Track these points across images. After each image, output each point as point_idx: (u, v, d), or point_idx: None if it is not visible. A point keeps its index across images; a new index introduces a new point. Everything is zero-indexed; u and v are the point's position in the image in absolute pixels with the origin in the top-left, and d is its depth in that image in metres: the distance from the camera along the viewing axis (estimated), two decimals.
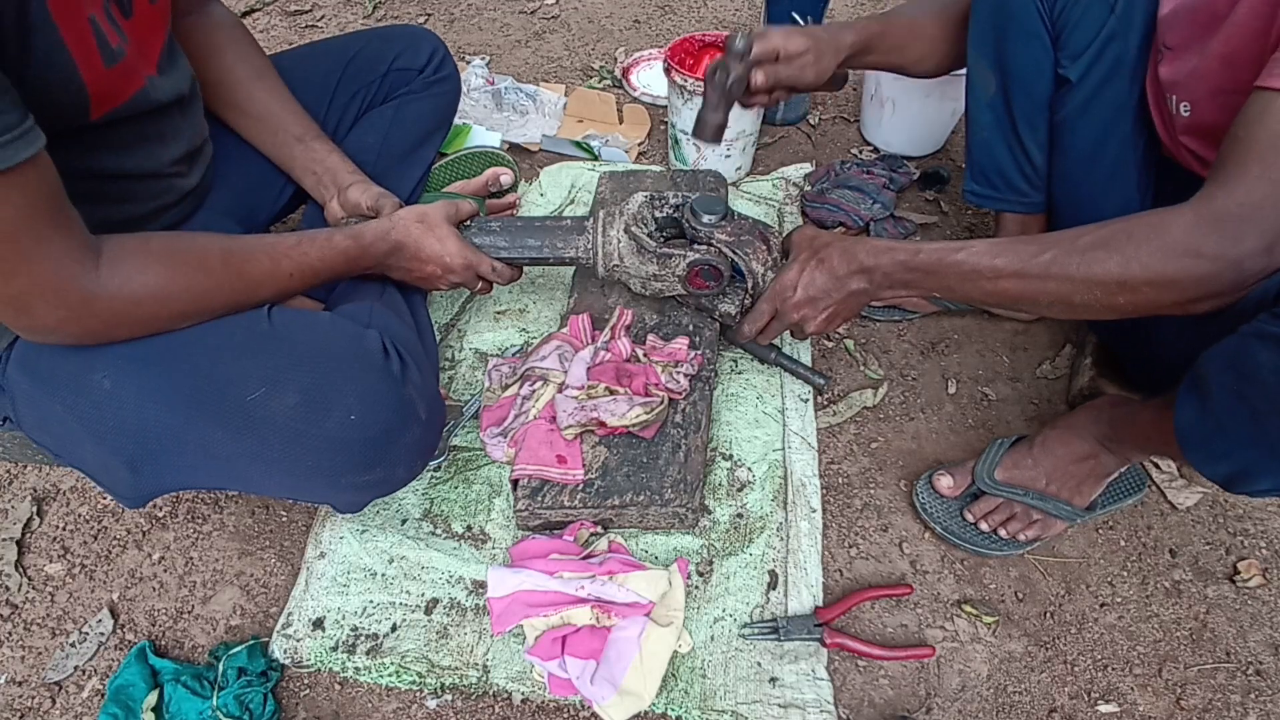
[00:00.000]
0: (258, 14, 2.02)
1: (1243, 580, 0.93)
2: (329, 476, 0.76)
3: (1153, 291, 0.69)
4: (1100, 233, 0.71)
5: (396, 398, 0.77)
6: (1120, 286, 0.70)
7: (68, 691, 0.84)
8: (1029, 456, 0.94)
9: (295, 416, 0.72)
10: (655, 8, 2.05)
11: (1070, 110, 0.97)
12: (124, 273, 0.67)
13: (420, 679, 0.83)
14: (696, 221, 1.00)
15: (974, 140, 1.10)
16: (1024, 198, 1.08)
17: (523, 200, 1.40)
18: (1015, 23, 0.97)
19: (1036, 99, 1.00)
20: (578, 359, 1.00)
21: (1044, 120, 1.01)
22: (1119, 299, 0.71)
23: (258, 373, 0.73)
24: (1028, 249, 0.75)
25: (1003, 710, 0.83)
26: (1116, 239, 0.70)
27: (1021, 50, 0.98)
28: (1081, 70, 0.95)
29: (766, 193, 1.44)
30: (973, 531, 0.94)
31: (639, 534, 0.94)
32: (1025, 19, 0.96)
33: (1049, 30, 0.96)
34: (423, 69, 1.16)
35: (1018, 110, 1.02)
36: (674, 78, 1.36)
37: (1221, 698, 0.84)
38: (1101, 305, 0.72)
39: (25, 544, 0.96)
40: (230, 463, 0.74)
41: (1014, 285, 0.76)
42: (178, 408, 0.72)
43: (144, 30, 0.76)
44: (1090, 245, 0.71)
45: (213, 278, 0.74)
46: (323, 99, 1.09)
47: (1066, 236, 0.74)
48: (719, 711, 0.80)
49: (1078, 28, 0.93)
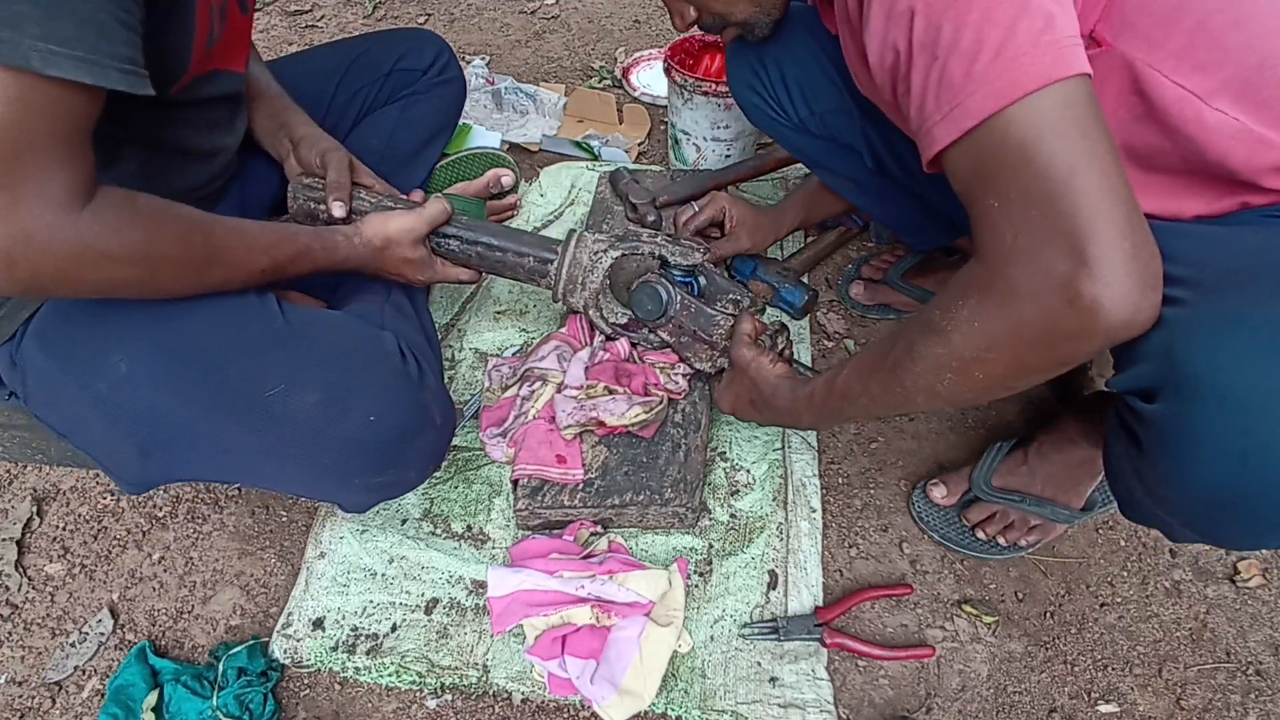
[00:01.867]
0: (258, 14, 2.02)
1: (1243, 580, 0.93)
2: (342, 476, 0.76)
3: (1000, 355, 0.58)
4: (922, 314, 0.64)
5: (414, 401, 0.78)
6: (963, 364, 0.60)
7: (68, 691, 0.84)
8: (1025, 463, 0.93)
9: (314, 415, 0.72)
10: (655, 8, 2.04)
11: (899, 181, 1.04)
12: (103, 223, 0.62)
13: (420, 679, 0.83)
14: (638, 323, 0.99)
15: (878, 214, 1.15)
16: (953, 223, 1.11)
17: (523, 200, 1.40)
18: (810, 150, 1.09)
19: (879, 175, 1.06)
20: (576, 359, 1.00)
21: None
22: (976, 374, 0.60)
23: (278, 369, 0.73)
24: (879, 349, 0.70)
25: (1003, 710, 0.83)
26: (931, 317, 0.62)
27: (834, 160, 1.09)
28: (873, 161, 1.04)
29: (766, 193, 1.44)
30: (971, 538, 0.94)
31: (639, 534, 0.94)
32: (811, 145, 1.09)
33: (833, 140, 1.06)
34: (427, 70, 1.16)
35: (879, 185, 1.07)
36: (674, 78, 1.36)
37: (1221, 698, 0.84)
38: (969, 387, 0.62)
39: (25, 544, 0.96)
40: (243, 457, 0.74)
41: (880, 389, 0.69)
42: (193, 400, 0.72)
43: (236, 32, 0.82)
44: (917, 329, 0.64)
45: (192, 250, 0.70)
46: (322, 97, 1.08)
47: (906, 325, 0.67)
48: (719, 711, 0.80)
49: (841, 134, 1.05)
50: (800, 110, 1.04)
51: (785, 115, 1.06)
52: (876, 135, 1.00)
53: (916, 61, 0.59)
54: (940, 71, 0.57)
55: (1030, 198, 0.53)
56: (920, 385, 0.65)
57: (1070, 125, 0.53)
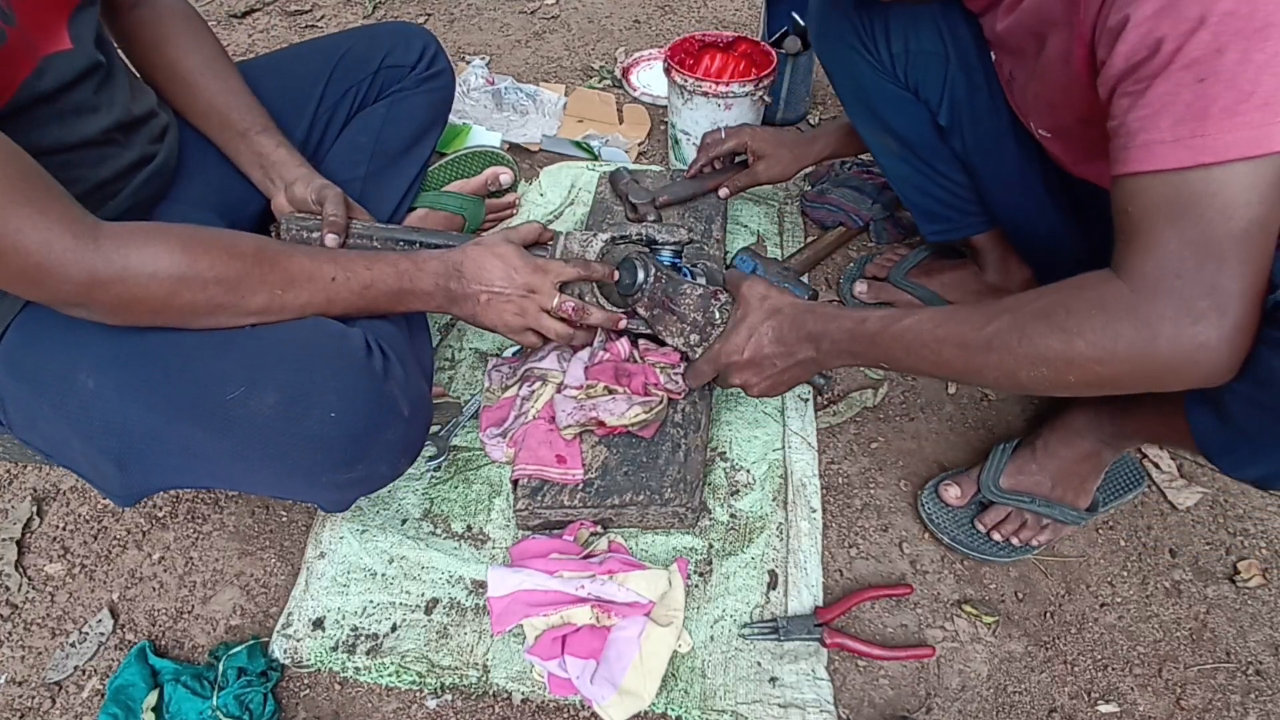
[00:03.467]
0: (258, 14, 2.02)
1: (1243, 580, 0.93)
2: (309, 474, 0.75)
3: (1104, 370, 0.61)
4: (1040, 304, 0.65)
5: (377, 394, 0.76)
6: (1068, 365, 0.63)
7: (68, 691, 0.84)
8: (1033, 461, 0.93)
9: (274, 415, 0.72)
10: (655, 8, 2.05)
11: (959, 149, 1.01)
12: (131, 249, 0.66)
13: (420, 679, 0.83)
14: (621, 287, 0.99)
15: (903, 192, 1.13)
16: (976, 218, 1.10)
17: (523, 200, 1.40)
18: (879, 97, 1.03)
19: (933, 144, 1.04)
20: (575, 359, 1.00)
21: (950, 152, 1.04)
22: (1069, 377, 0.63)
23: (236, 371, 0.72)
24: (973, 319, 0.69)
25: (1003, 710, 0.83)
26: (1056, 313, 0.63)
27: (897, 116, 1.03)
28: (948, 115, 0.98)
29: (766, 193, 1.44)
30: (982, 540, 0.93)
31: (639, 534, 0.94)
32: (885, 91, 1.02)
33: (908, 89, 1.00)
34: (414, 65, 1.15)
35: (925, 155, 1.05)
36: (674, 78, 1.36)
37: (1221, 698, 0.84)
38: (1051, 383, 0.65)
39: (25, 544, 0.96)
40: (211, 461, 0.74)
41: (957, 357, 0.70)
42: (157, 407, 0.71)
43: (40, 9, 0.73)
44: (1032, 316, 0.65)
45: (243, 264, 0.73)
46: (311, 97, 1.07)
47: (1012, 305, 0.67)
48: (719, 711, 0.80)
49: (924, 83, 0.98)
50: (895, 45, 0.99)
51: (873, 51, 1.01)
52: (963, 90, 0.95)
53: (1174, 72, 0.56)
54: (1198, 95, 0.55)
55: (1212, 253, 0.56)
56: (1008, 368, 0.66)
57: (1276, 200, 0.55)
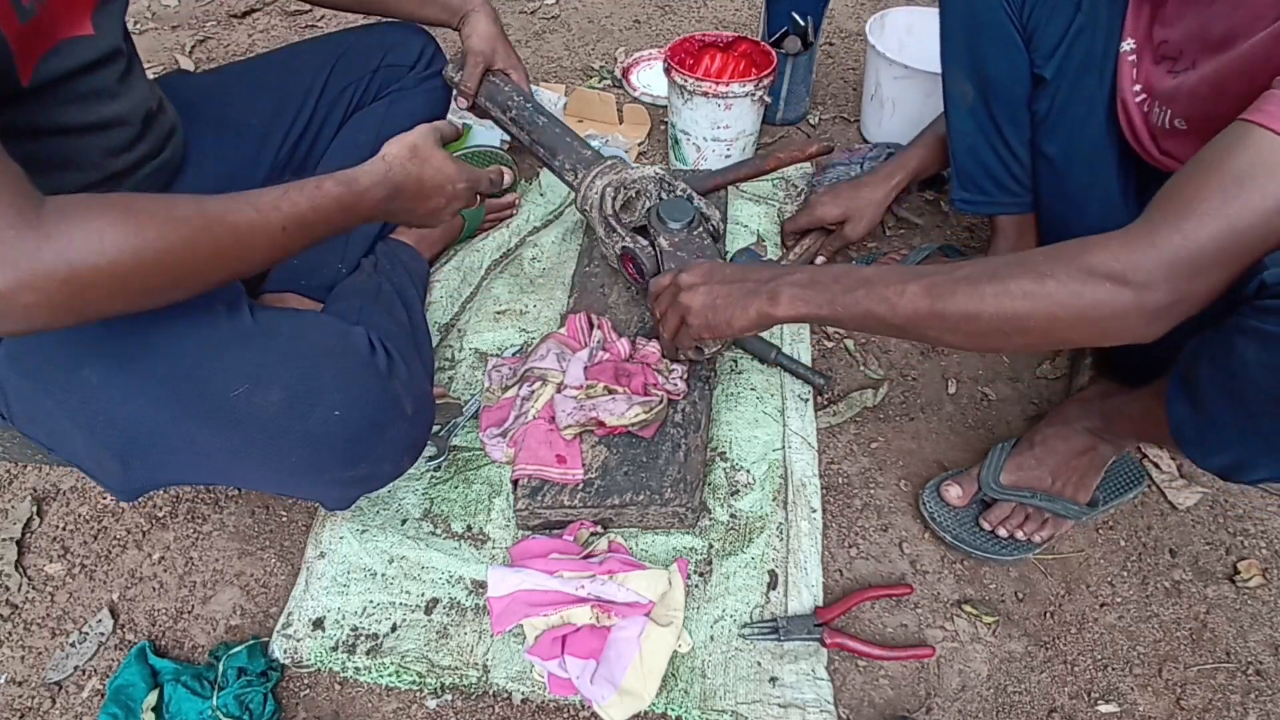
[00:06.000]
0: (258, 14, 2.02)
1: (1243, 580, 0.93)
2: (313, 472, 0.75)
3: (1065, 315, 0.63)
4: (1019, 255, 0.68)
5: (381, 393, 0.77)
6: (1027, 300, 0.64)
7: (68, 691, 0.84)
8: (1031, 456, 0.94)
9: (278, 413, 0.72)
10: (655, 8, 2.05)
11: (1046, 108, 0.99)
12: (73, 230, 0.56)
13: (420, 679, 0.83)
14: (655, 219, 1.05)
15: (958, 148, 1.12)
16: (1015, 198, 1.09)
17: (523, 200, 1.40)
18: (988, 29, 0.99)
19: (1015, 100, 1.02)
20: (575, 359, 1.00)
21: (1025, 119, 1.03)
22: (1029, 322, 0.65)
23: (240, 369, 0.72)
24: (945, 268, 0.71)
25: (1003, 710, 0.83)
26: (1033, 258, 0.66)
27: (997, 55, 1.00)
28: (1055, 68, 0.96)
29: (766, 193, 1.44)
30: (985, 538, 0.93)
31: (639, 534, 0.94)
32: (997, 25, 0.98)
33: (1020, 32, 0.98)
34: (414, 65, 1.16)
35: (999, 113, 1.03)
36: (674, 78, 1.36)
37: (1221, 698, 0.84)
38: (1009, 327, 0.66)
39: (25, 544, 0.96)
40: (214, 458, 0.74)
41: (921, 299, 0.70)
42: (161, 403, 0.71)
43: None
44: (1007, 261, 0.67)
45: (189, 228, 0.62)
46: (310, 92, 1.08)
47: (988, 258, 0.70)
48: (719, 711, 0.80)
49: (1048, 26, 0.95)
50: None
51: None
52: (1083, 46, 0.93)
53: None
54: None
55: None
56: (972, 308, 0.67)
57: None
